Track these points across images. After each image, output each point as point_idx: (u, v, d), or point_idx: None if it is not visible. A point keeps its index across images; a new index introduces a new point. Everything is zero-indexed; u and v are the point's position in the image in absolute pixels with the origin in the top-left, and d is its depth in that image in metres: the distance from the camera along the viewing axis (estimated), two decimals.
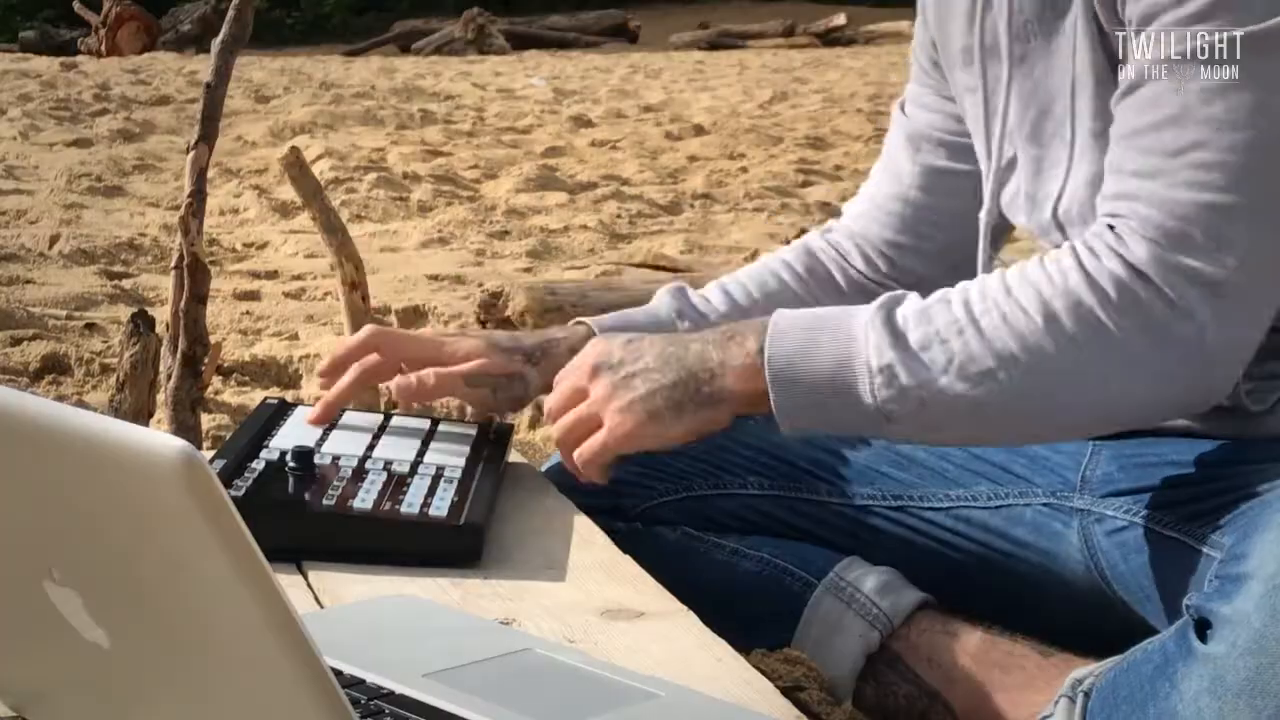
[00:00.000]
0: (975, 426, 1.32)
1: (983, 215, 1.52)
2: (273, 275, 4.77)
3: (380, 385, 2.18)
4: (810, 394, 1.32)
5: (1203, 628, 1.14)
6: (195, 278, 2.31)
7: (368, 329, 1.52)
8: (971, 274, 1.62)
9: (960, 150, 1.60)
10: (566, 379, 1.41)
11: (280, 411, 1.55)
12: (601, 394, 1.37)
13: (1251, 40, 1.22)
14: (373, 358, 1.51)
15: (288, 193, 5.46)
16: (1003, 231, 1.58)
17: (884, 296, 1.34)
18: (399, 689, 0.99)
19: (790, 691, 1.33)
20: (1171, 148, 1.25)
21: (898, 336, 1.30)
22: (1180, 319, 1.24)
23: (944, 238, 1.63)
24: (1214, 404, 1.32)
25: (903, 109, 1.67)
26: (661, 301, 1.62)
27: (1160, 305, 1.25)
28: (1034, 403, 1.29)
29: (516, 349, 1.53)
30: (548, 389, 1.51)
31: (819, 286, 1.66)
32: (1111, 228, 1.28)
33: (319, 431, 1.49)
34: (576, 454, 1.39)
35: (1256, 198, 1.24)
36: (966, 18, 1.48)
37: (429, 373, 1.49)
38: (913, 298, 1.33)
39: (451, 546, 1.31)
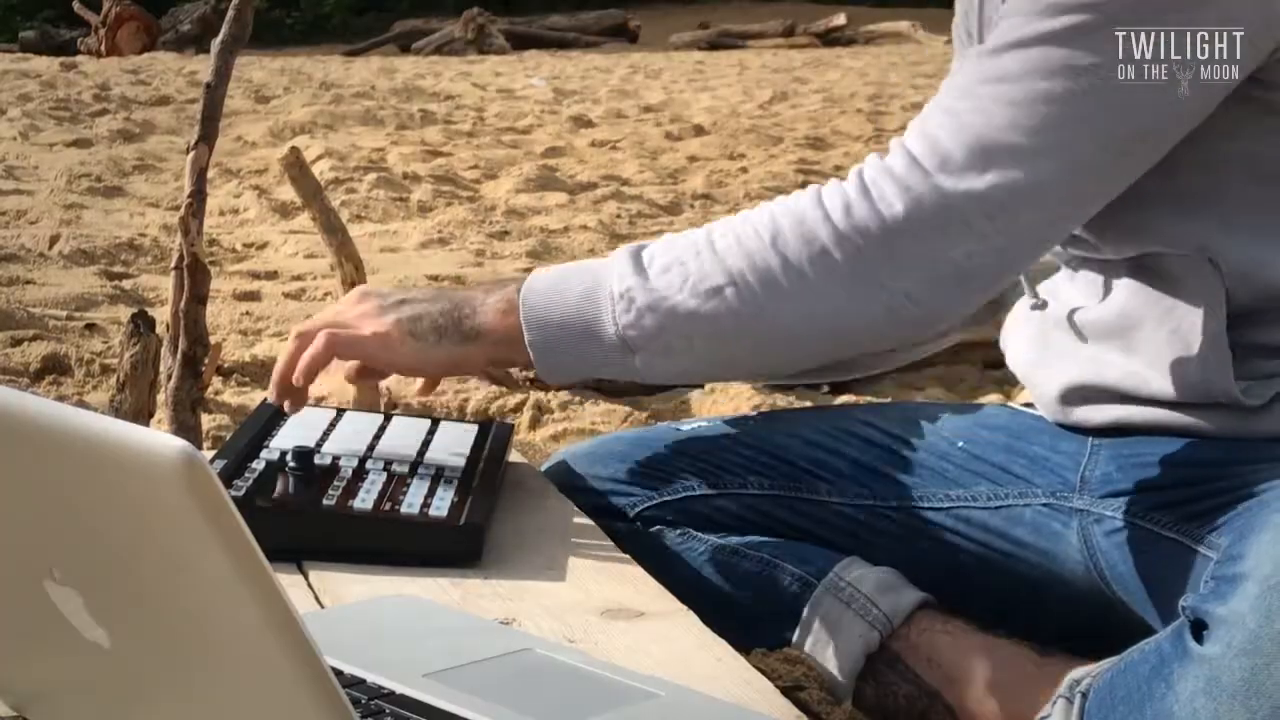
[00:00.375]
0: (713, 352, 1.35)
1: None
2: (273, 275, 4.77)
3: (381, 385, 2.18)
4: (559, 330, 1.36)
5: (1199, 629, 1.14)
6: (195, 278, 2.31)
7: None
8: None
9: None
10: (330, 307, 1.46)
11: (280, 412, 1.55)
12: (366, 309, 1.42)
13: (1097, 6, 1.26)
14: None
15: (288, 193, 5.46)
16: None
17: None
18: (399, 689, 1.00)
19: (790, 691, 1.33)
20: (987, 75, 1.29)
21: (640, 266, 1.35)
22: (906, 230, 1.28)
23: None
24: (949, 327, 1.38)
25: None
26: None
27: (882, 216, 1.28)
28: (763, 322, 1.32)
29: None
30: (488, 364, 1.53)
31: None
32: (885, 151, 1.32)
33: (319, 431, 1.49)
34: (323, 333, 1.41)
35: (1038, 144, 1.27)
36: None
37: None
38: (668, 236, 1.38)
39: (451, 546, 1.31)
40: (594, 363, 1.37)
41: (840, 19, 20.23)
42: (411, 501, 1.34)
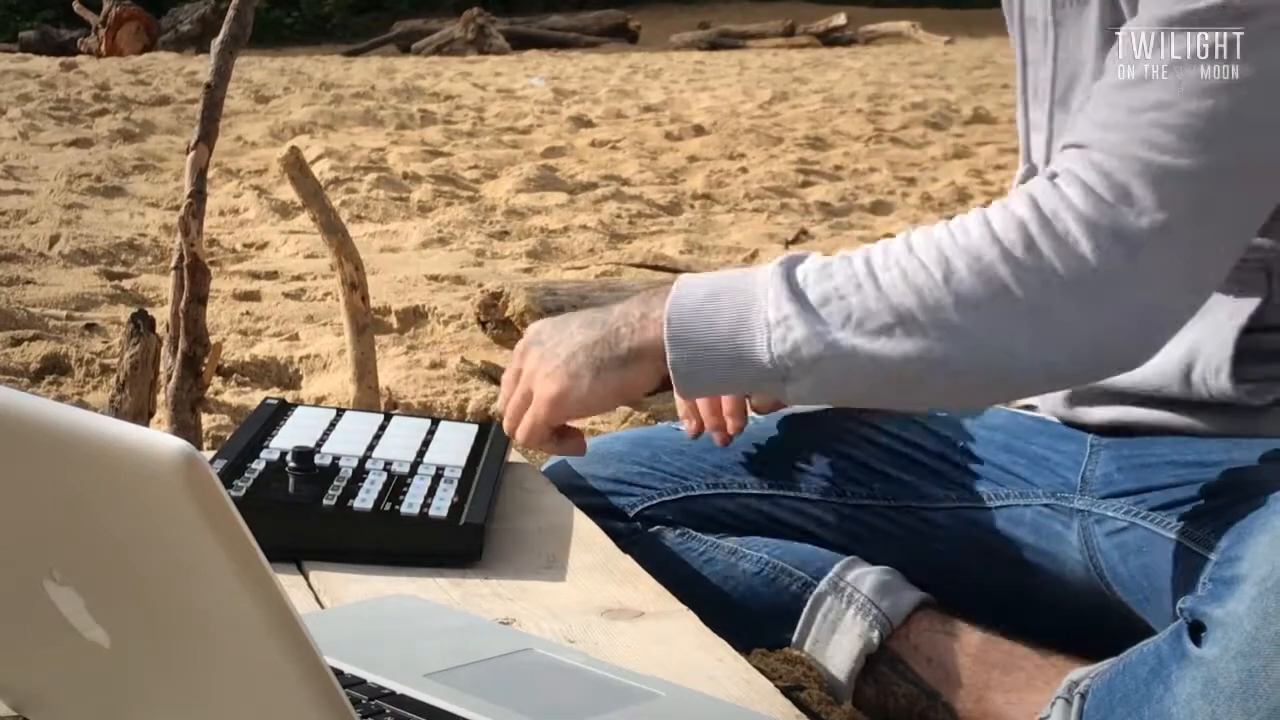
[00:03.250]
0: (875, 386, 1.29)
1: (1016, 178, 1.51)
2: (273, 275, 4.77)
3: (381, 385, 2.18)
4: (707, 353, 1.30)
5: (1196, 630, 1.14)
6: (195, 278, 2.31)
7: None
8: None
9: None
10: (509, 367, 1.44)
11: (280, 411, 1.56)
12: (530, 367, 1.39)
13: (1238, 13, 1.21)
14: None
15: (288, 193, 5.46)
16: None
17: (785, 255, 1.33)
18: (399, 689, 1.00)
19: (790, 691, 1.33)
20: (1136, 104, 1.24)
21: (796, 293, 1.28)
22: (1095, 273, 1.21)
23: None
24: (1140, 365, 1.29)
25: None
26: None
27: (1070, 256, 1.21)
28: (932, 362, 1.25)
29: None
30: None
31: None
32: (1054, 175, 1.25)
33: (319, 431, 1.50)
34: (518, 436, 1.41)
35: (1209, 165, 1.21)
36: None
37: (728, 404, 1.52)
38: (814, 256, 1.32)
39: (451, 546, 1.31)
40: (741, 385, 1.33)
41: (840, 19, 20.22)
42: (411, 501, 1.34)
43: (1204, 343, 1.36)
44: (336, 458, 1.42)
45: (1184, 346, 1.37)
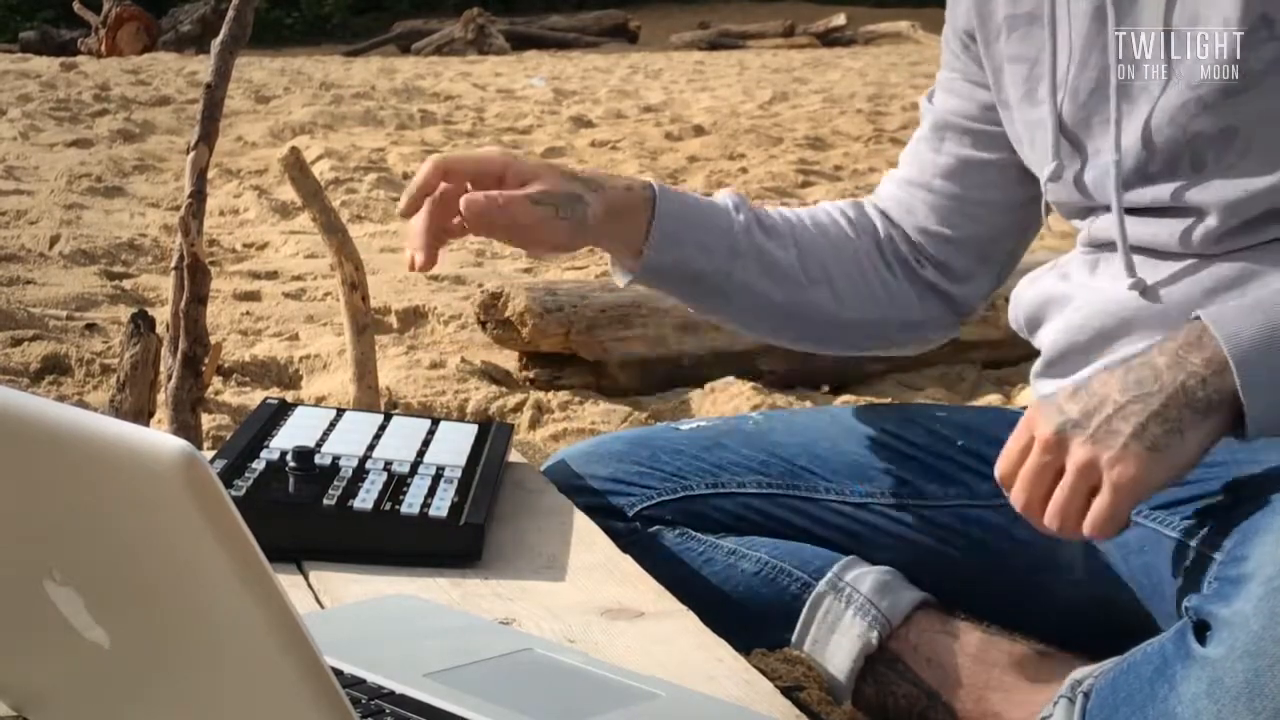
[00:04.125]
0: None
1: (1045, 172, 1.49)
2: (273, 275, 4.77)
3: (381, 385, 2.19)
4: None
5: (1202, 630, 1.14)
6: (195, 278, 2.31)
7: (432, 159, 1.46)
8: (998, 265, 1.60)
9: (986, 139, 1.57)
10: (1021, 459, 1.27)
11: (280, 411, 1.56)
12: (1084, 456, 1.22)
13: None
14: (443, 186, 1.45)
15: (288, 193, 5.46)
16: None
17: None
18: (399, 689, 1.00)
19: (790, 691, 1.33)
20: None
21: None
22: None
23: (970, 229, 1.61)
24: None
25: (930, 99, 1.65)
26: (722, 195, 1.65)
27: None
28: None
29: (576, 176, 1.51)
30: (604, 214, 1.49)
31: (865, 236, 1.63)
32: None
33: (319, 431, 1.50)
34: (1088, 526, 1.25)
35: None
36: None
37: (496, 193, 1.44)
38: None
39: (451, 546, 1.31)
40: None
41: (840, 19, 20.23)
42: (411, 501, 1.34)
43: None
44: (336, 458, 1.42)
45: None
